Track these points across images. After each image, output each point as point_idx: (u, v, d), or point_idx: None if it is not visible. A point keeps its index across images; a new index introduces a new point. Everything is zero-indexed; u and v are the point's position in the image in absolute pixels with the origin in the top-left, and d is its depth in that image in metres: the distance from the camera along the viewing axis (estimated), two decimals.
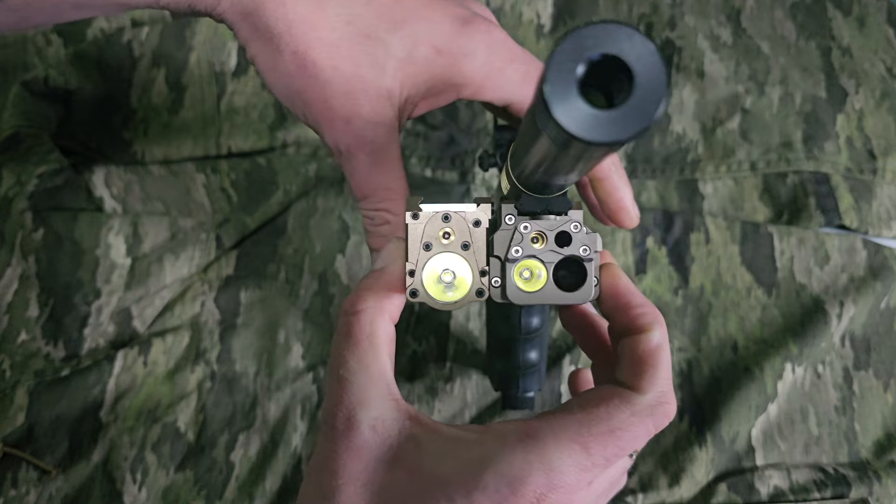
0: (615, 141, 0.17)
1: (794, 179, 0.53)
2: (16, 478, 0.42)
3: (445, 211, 0.27)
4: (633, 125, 0.17)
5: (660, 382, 0.27)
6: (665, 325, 0.28)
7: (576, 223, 0.27)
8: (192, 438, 0.44)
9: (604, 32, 0.17)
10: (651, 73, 0.17)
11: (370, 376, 0.27)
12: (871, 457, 0.46)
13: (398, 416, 0.27)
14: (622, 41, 0.17)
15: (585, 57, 0.17)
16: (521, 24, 0.57)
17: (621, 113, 0.17)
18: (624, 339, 0.28)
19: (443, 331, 0.48)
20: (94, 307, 0.46)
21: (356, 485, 0.26)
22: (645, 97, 0.17)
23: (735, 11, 0.58)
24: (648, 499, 0.44)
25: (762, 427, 0.46)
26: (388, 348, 0.28)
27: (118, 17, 0.55)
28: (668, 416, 0.27)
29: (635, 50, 0.17)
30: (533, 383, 0.41)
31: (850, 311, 0.48)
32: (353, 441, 0.26)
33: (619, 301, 0.28)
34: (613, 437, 0.26)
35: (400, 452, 0.26)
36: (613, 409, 0.26)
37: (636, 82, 0.17)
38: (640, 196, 0.53)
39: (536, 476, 0.25)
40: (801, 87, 0.55)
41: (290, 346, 0.47)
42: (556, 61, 0.17)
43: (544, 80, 0.17)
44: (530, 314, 0.37)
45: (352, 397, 0.27)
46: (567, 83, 0.17)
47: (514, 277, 0.27)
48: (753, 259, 0.50)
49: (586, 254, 0.27)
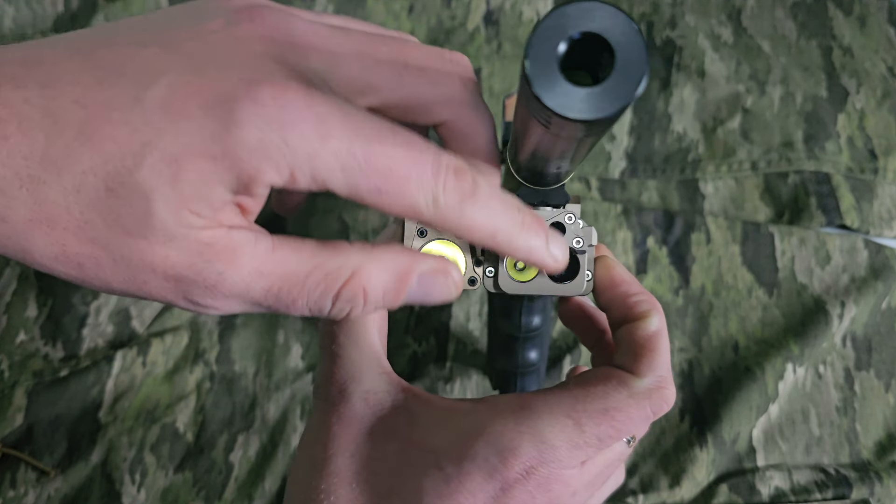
0: (596, 118, 0.17)
1: (795, 179, 0.53)
2: (14, 478, 0.42)
3: None
4: (614, 102, 0.17)
5: (658, 367, 0.26)
6: (663, 312, 0.28)
7: (570, 215, 0.27)
8: (192, 439, 0.44)
9: (584, 10, 0.17)
10: (631, 49, 0.17)
11: (360, 350, 0.27)
12: (872, 457, 0.46)
13: (390, 389, 0.27)
14: (603, 19, 0.17)
15: (566, 35, 0.17)
16: (522, 23, 0.57)
17: (602, 90, 0.17)
18: (622, 326, 0.28)
19: (443, 331, 0.48)
20: (92, 307, 0.46)
21: (345, 455, 0.26)
22: (626, 74, 0.17)
23: (736, 11, 0.58)
24: (649, 499, 0.44)
25: (763, 427, 0.46)
26: (378, 324, 0.28)
27: (117, 17, 0.55)
28: (666, 402, 0.26)
29: (616, 28, 0.17)
30: (532, 383, 0.40)
31: (852, 311, 0.48)
32: (345, 413, 0.26)
33: (615, 291, 0.28)
34: (608, 416, 0.25)
35: (392, 424, 0.26)
36: (611, 389, 0.26)
37: (617, 59, 0.17)
38: (640, 196, 0.53)
39: (527, 448, 0.24)
40: (802, 87, 0.55)
41: (289, 347, 0.47)
42: (538, 39, 0.17)
43: (526, 58, 0.17)
44: (531, 313, 0.37)
45: (343, 371, 0.27)
46: (549, 61, 0.17)
47: (507, 267, 0.27)
48: (754, 259, 0.50)
49: (580, 246, 0.27)
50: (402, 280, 0.24)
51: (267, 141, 0.20)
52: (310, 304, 0.23)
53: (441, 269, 0.25)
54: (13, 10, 0.54)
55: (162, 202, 0.20)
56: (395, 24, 0.56)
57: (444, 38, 0.56)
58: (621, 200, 0.52)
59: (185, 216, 0.20)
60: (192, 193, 0.20)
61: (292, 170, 0.20)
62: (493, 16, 0.57)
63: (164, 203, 0.20)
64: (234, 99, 0.20)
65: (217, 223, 0.21)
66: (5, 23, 0.54)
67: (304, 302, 0.23)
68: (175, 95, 0.20)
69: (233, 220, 0.21)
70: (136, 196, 0.20)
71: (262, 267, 0.22)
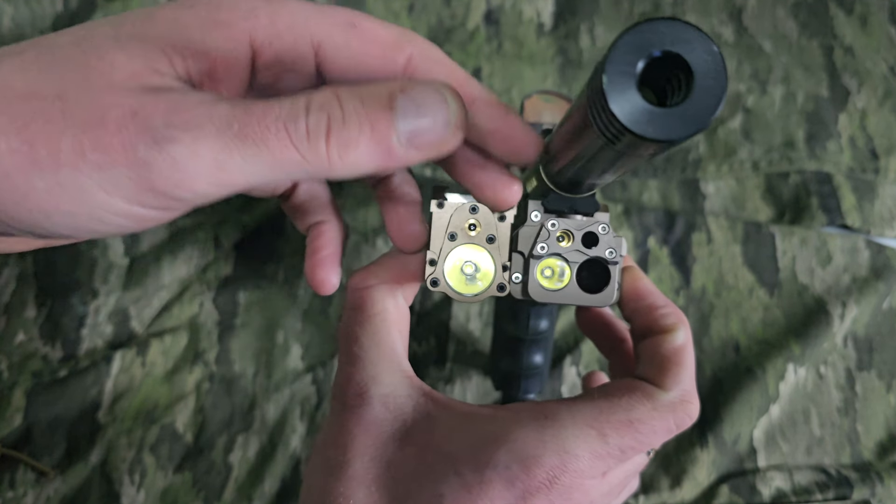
0: (669, 139, 0.17)
1: (797, 179, 0.53)
2: (13, 479, 0.42)
3: (473, 203, 0.27)
4: (688, 125, 0.17)
5: (683, 381, 0.26)
6: (688, 326, 0.27)
7: (604, 225, 0.26)
8: (191, 440, 0.44)
9: (668, 29, 0.17)
10: (712, 74, 0.17)
11: (382, 352, 0.27)
12: (873, 458, 0.46)
13: (411, 393, 0.27)
14: (685, 40, 0.17)
15: (647, 52, 0.17)
16: (522, 22, 0.57)
17: (678, 112, 0.17)
18: (646, 339, 0.28)
19: (443, 331, 0.48)
20: (91, 307, 0.46)
21: (364, 459, 0.25)
22: (703, 98, 0.17)
23: (737, 10, 0.58)
24: (650, 500, 0.43)
25: (764, 428, 0.46)
26: (399, 325, 0.28)
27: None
28: (690, 416, 0.26)
29: (697, 50, 0.17)
30: (535, 385, 0.40)
31: (853, 311, 0.48)
32: (364, 416, 0.26)
33: (641, 303, 0.28)
34: (632, 428, 0.25)
35: (412, 428, 0.26)
36: (635, 401, 0.26)
37: (696, 83, 0.17)
38: (641, 196, 0.53)
39: (550, 457, 0.24)
40: (804, 87, 0.55)
41: (288, 347, 0.47)
42: (618, 54, 0.17)
43: (603, 72, 0.17)
44: (539, 316, 0.37)
45: (363, 373, 0.26)
46: (626, 77, 0.17)
47: (537, 275, 0.27)
48: (755, 259, 0.50)
49: (612, 256, 0.26)
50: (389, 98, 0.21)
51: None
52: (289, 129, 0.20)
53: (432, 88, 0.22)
54: (12, 10, 0.54)
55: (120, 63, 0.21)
56: (395, 24, 0.56)
57: (443, 38, 0.56)
58: (622, 200, 0.52)
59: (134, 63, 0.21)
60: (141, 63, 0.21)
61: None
62: (494, 15, 0.57)
63: (122, 64, 0.21)
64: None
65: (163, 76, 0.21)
66: (4, 22, 0.54)
67: (294, 157, 0.20)
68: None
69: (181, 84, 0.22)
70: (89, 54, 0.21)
71: (212, 110, 0.20)
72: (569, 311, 0.48)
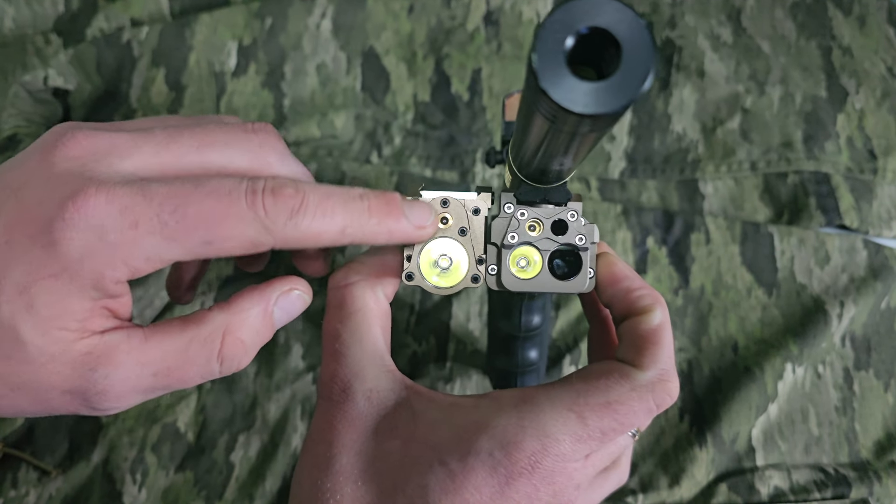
0: (601, 112, 0.17)
1: (795, 179, 0.53)
2: (16, 478, 0.42)
3: (444, 196, 0.27)
4: (619, 97, 0.17)
5: (661, 360, 0.27)
6: (666, 306, 0.28)
7: (573, 212, 0.27)
8: (192, 439, 0.44)
9: (592, 5, 0.17)
10: (638, 45, 0.17)
11: (364, 348, 0.27)
12: (871, 457, 0.46)
13: (394, 387, 0.27)
14: (610, 14, 0.17)
15: (574, 29, 0.17)
16: (521, 23, 0.57)
17: (609, 85, 0.17)
18: (625, 321, 0.28)
19: (443, 331, 0.48)
20: None
21: (350, 454, 0.26)
22: (632, 70, 0.17)
23: (735, 11, 0.58)
24: (649, 499, 0.44)
25: (762, 427, 0.46)
26: (380, 321, 0.28)
27: (118, 17, 0.55)
28: (669, 395, 0.26)
29: (623, 23, 0.17)
30: (531, 382, 0.41)
31: (851, 311, 0.48)
32: (349, 411, 0.27)
33: (617, 287, 0.28)
34: (610, 409, 0.25)
35: (396, 421, 0.26)
36: (613, 382, 0.26)
37: (624, 55, 0.17)
38: (640, 196, 0.53)
39: (530, 441, 0.25)
40: (802, 87, 0.55)
41: (289, 347, 0.47)
42: (545, 33, 0.17)
43: (533, 51, 0.17)
44: (531, 312, 0.37)
45: (346, 369, 0.27)
46: (555, 55, 0.17)
47: (510, 264, 0.27)
48: (754, 259, 0.50)
49: (582, 243, 0.27)
50: (266, 316, 0.27)
51: (88, 246, 0.22)
52: (201, 373, 0.25)
53: (286, 289, 0.28)
54: (13, 11, 0.54)
55: (27, 328, 0.22)
56: (395, 25, 0.56)
57: (443, 39, 0.56)
58: (621, 200, 0.52)
59: (53, 334, 0.22)
60: (52, 312, 0.22)
61: (125, 260, 0.23)
62: (493, 16, 0.57)
63: (30, 328, 0.22)
64: (50, 220, 0.22)
65: (88, 332, 0.23)
66: (5, 23, 0.54)
67: (196, 371, 0.25)
68: (12, 231, 0.23)
69: (103, 324, 0.23)
70: (4, 330, 0.22)
71: (141, 357, 0.24)
72: (568, 312, 0.49)
